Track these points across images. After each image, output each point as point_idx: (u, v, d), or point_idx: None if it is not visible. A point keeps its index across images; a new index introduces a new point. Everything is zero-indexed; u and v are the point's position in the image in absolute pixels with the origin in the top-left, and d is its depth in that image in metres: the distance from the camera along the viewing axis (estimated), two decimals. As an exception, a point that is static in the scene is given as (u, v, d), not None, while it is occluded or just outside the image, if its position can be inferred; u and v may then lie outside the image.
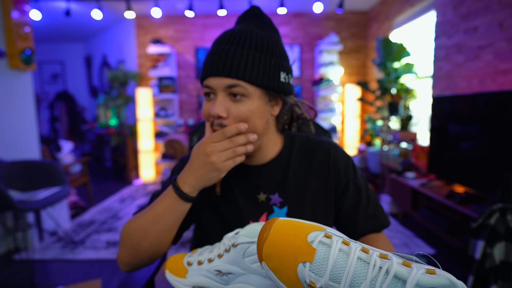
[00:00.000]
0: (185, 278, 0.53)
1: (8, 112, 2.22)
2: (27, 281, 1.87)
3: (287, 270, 0.37)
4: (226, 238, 0.52)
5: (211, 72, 0.58)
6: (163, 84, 4.47)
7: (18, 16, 2.20)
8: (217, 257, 0.52)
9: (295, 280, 0.36)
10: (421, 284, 0.31)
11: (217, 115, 0.58)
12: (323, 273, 0.35)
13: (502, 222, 1.31)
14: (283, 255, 0.37)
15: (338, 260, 0.35)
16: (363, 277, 0.33)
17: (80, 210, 3.12)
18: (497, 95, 1.85)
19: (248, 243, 0.48)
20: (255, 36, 0.60)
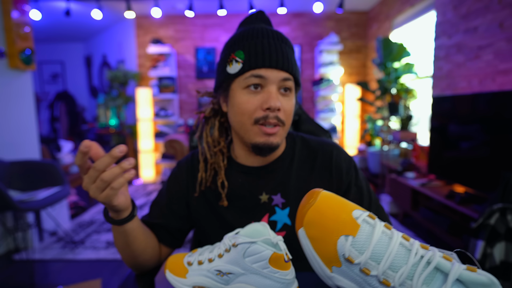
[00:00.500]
0: (185, 278, 0.53)
1: (8, 112, 2.22)
2: (27, 281, 1.87)
3: (327, 239, 0.37)
4: (227, 238, 0.52)
5: (270, 63, 0.58)
6: (163, 84, 4.47)
7: (18, 16, 2.20)
8: (217, 257, 0.51)
9: (333, 252, 0.37)
10: (462, 279, 0.32)
11: (278, 107, 0.58)
12: (364, 250, 0.35)
13: (502, 222, 1.31)
14: (326, 224, 0.37)
15: (380, 241, 0.36)
16: (403, 262, 0.34)
17: (80, 210, 3.12)
18: (497, 95, 1.85)
19: (248, 243, 0.48)
20: (286, 37, 0.63)
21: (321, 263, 0.38)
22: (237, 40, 0.61)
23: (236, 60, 0.59)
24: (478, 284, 0.31)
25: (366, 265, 0.35)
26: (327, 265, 0.38)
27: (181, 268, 0.55)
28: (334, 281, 0.38)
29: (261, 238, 0.48)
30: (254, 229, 0.50)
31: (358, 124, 4.53)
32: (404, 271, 0.33)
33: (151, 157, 4.52)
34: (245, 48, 0.59)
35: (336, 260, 0.37)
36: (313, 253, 0.38)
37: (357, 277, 0.36)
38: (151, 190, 3.99)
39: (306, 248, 0.39)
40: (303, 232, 0.38)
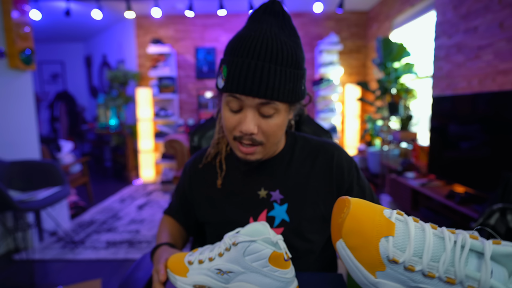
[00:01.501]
0: (186, 277, 0.53)
1: (8, 112, 2.22)
2: (27, 281, 1.87)
3: (369, 245, 0.36)
4: (227, 237, 0.52)
5: (243, 90, 0.55)
6: (163, 84, 4.47)
7: (18, 16, 2.20)
8: (217, 256, 0.52)
9: (376, 256, 0.36)
10: (495, 253, 0.33)
11: (250, 132, 0.58)
12: (405, 247, 0.35)
13: (502, 222, 1.31)
14: (365, 230, 0.37)
15: (416, 235, 0.36)
16: (442, 251, 0.35)
17: (80, 210, 3.12)
18: (497, 95, 1.85)
19: (248, 241, 0.48)
20: (286, 48, 0.57)
21: (364, 271, 0.37)
22: (228, 50, 0.59)
23: (222, 76, 0.59)
24: (505, 255, 0.33)
25: (410, 262, 0.35)
26: (371, 271, 0.37)
27: (182, 267, 0.56)
28: (379, 287, 0.37)
29: (261, 237, 0.48)
30: (254, 229, 0.50)
31: (358, 124, 4.53)
32: (445, 259, 0.34)
33: (151, 157, 4.52)
34: (228, 65, 0.57)
35: (380, 264, 0.36)
36: (355, 262, 0.37)
37: (402, 276, 0.36)
38: (151, 190, 3.99)
39: (347, 259, 0.38)
40: (342, 244, 0.37)
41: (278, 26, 0.59)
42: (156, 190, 4.01)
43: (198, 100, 4.74)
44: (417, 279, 0.35)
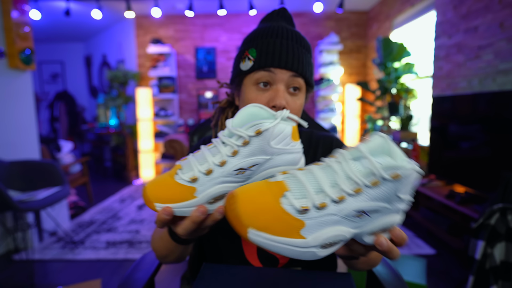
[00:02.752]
0: (195, 198, 0.43)
1: (7, 112, 2.22)
2: (27, 281, 1.87)
3: (276, 213, 0.35)
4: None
5: (279, 63, 0.60)
6: (163, 84, 4.47)
7: (18, 16, 2.20)
8: (231, 156, 0.44)
9: (288, 219, 0.35)
10: (371, 149, 0.37)
11: (283, 105, 0.60)
12: (304, 192, 0.36)
13: (503, 222, 1.31)
14: (263, 202, 0.36)
15: (306, 177, 0.37)
16: (333, 174, 0.37)
17: (80, 210, 3.12)
18: (497, 95, 1.85)
19: (273, 125, 0.44)
20: (303, 38, 0.65)
21: (292, 240, 0.35)
22: (253, 37, 0.64)
23: (248, 57, 0.62)
24: (377, 147, 0.37)
25: (318, 200, 0.36)
26: (297, 235, 0.35)
27: (181, 190, 0.44)
28: (312, 243, 0.36)
29: (282, 115, 0.45)
30: (251, 113, 0.46)
31: (358, 124, 4.53)
32: (340, 178, 0.36)
33: (151, 157, 4.52)
34: (258, 46, 0.62)
35: (297, 222, 0.35)
36: (277, 240, 0.35)
37: (323, 217, 0.35)
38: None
39: (269, 243, 0.35)
40: (253, 231, 0.35)
41: (291, 26, 0.68)
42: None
43: (198, 100, 4.74)
44: (333, 210, 0.35)
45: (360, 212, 0.36)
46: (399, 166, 0.35)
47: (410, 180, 0.36)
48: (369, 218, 0.37)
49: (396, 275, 0.74)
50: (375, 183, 0.35)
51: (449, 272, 1.90)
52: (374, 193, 0.36)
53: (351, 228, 0.38)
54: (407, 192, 0.37)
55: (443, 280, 1.81)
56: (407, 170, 0.35)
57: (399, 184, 0.35)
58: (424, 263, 1.51)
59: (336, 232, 0.36)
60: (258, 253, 0.66)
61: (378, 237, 0.38)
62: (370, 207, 0.36)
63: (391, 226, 0.39)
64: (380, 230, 0.38)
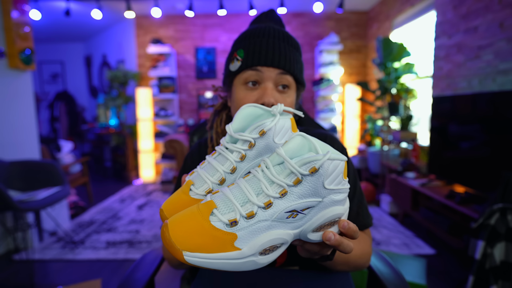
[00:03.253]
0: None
1: (8, 112, 2.22)
2: (27, 281, 1.87)
3: (207, 232, 0.35)
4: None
5: (265, 61, 0.61)
6: (163, 84, 4.47)
7: (18, 16, 2.20)
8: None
9: (221, 235, 0.35)
10: (287, 150, 0.38)
11: (271, 103, 0.60)
12: (231, 206, 0.37)
13: (503, 222, 1.31)
14: (193, 225, 0.36)
15: (232, 191, 0.38)
16: (258, 183, 0.37)
17: (80, 210, 3.12)
18: (497, 95, 1.85)
19: (275, 123, 0.42)
20: (291, 37, 0.66)
21: (230, 254, 0.35)
22: (241, 39, 0.66)
23: (237, 58, 0.63)
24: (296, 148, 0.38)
25: (245, 210, 0.36)
26: (232, 248, 0.35)
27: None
28: (248, 252, 0.36)
29: (278, 110, 0.45)
30: (247, 114, 0.46)
31: (358, 124, 4.53)
32: (265, 185, 0.37)
33: (151, 157, 4.52)
34: (245, 47, 0.63)
35: (229, 236, 0.35)
36: (214, 257, 0.35)
37: (253, 226, 0.36)
38: (151, 190, 3.99)
39: (208, 262, 0.35)
40: (188, 254, 0.34)
41: (280, 27, 0.69)
42: (156, 190, 4.01)
43: (198, 100, 4.74)
44: (263, 216, 0.36)
45: (291, 212, 0.37)
46: (313, 159, 0.36)
47: (330, 169, 0.36)
48: (305, 216, 0.38)
49: (397, 274, 0.74)
50: (297, 181, 0.36)
51: (449, 272, 1.90)
52: (300, 191, 0.36)
53: (290, 230, 0.38)
54: (333, 181, 0.37)
55: (443, 280, 1.81)
56: (321, 161, 0.35)
57: (320, 176, 0.36)
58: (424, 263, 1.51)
59: (272, 236, 0.36)
60: None
61: (325, 233, 0.38)
62: (300, 204, 0.36)
63: (336, 218, 0.39)
64: (326, 224, 0.39)
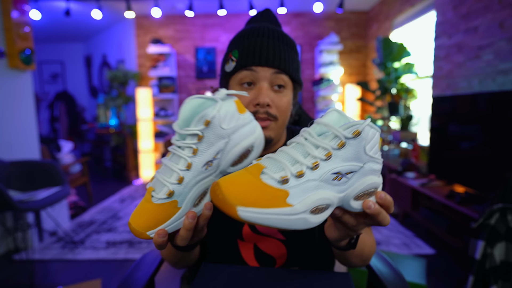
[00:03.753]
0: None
1: (7, 112, 2.22)
2: (27, 281, 1.87)
3: (259, 188, 0.37)
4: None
5: (260, 61, 0.61)
6: (163, 84, 4.47)
7: (18, 16, 2.20)
8: (193, 156, 0.43)
9: (272, 191, 0.37)
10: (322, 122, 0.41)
11: (266, 102, 0.60)
12: (280, 166, 0.39)
13: (503, 222, 1.31)
14: (245, 182, 0.37)
15: (279, 152, 0.41)
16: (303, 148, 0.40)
17: (80, 210, 3.12)
18: (497, 95, 1.85)
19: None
20: (286, 36, 0.66)
21: (279, 210, 0.36)
22: (236, 40, 0.65)
23: (232, 59, 0.63)
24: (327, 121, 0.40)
25: (295, 169, 0.38)
26: (283, 204, 0.36)
27: (164, 209, 0.42)
28: (301, 209, 0.37)
29: (220, 96, 0.45)
30: (193, 106, 0.45)
31: (358, 124, 4.53)
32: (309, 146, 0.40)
33: (151, 157, 4.52)
34: (240, 47, 0.63)
35: (281, 192, 0.37)
36: (268, 211, 0.36)
37: (305, 184, 0.38)
38: (151, 190, 3.99)
39: (261, 217, 0.35)
40: (243, 209, 0.35)
41: (276, 27, 0.68)
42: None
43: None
44: (311, 176, 0.38)
45: (337, 174, 0.39)
46: (356, 123, 0.39)
47: (369, 135, 0.39)
48: (348, 181, 0.40)
49: (397, 274, 0.74)
50: (341, 144, 0.39)
51: (449, 272, 1.90)
52: (344, 154, 0.39)
53: (335, 192, 0.40)
54: (372, 148, 0.40)
55: (443, 280, 1.81)
56: (364, 125, 0.39)
57: (362, 140, 0.39)
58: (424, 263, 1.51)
59: (321, 196, 0.38)
60: (255, 254, 0.66)
61: (365, 201, 0.41)
62: (344, 167, 0.39)
63: (373, 188, 0.42)
64: (364, 194, 0.41)
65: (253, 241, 0.66)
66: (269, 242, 0.66)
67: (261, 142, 0.50)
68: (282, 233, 0.66)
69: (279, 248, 0.66)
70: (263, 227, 0.66)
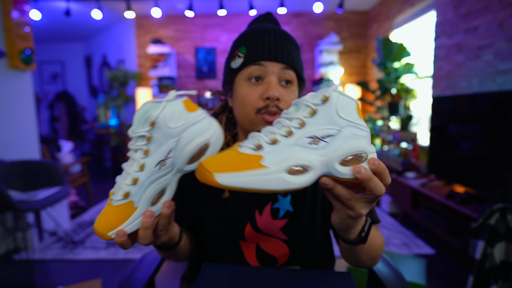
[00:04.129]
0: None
1: (8, 112, 2.22)
2: (27, 281, 1.87)
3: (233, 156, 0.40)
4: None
5: (269, 56, 0.61)
6: (163, 84, 4.47)
7: (18, 16, 2.20)
8: (145, 157, 0.44)
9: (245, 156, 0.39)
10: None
11: (276, 96, 0.60)
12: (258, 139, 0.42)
13: (502, 222, 1.31)
14: (221, 155, 0.41)
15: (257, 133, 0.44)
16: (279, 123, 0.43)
17: (80, 210, 3.12)
18: (497, 95, 1.85)
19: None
20: (291, 36, 0.67)
21: (254, 171, 0.38)
22: (241, 38, 0.66)
23: (238, 55, 0.63)
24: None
25: (270, 138, 0.41)
26: (259, 166, 0.38)
27: (122, 210, 0.44)
28: (275, 169, 0.38)
29: (168, 98, 0.46)
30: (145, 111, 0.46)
31: (358, 124, 4.53)
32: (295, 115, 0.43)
33: (151, 157, 4.52)
34: (247, 44, 0.63)
35: (255, 157, 0.39)
36: (242, 174, 0.37)
37: (277, 149, 0.40)
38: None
39: (235, 180, 0.37)
40: (219, 174, 0.37)
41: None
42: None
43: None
44: (286, 141, 0.40)
45: (312, 138, 0.40)
46: (323, 91, 0.41)
47: (339, 101, 0.41)
48: (327, 145, 0.41)
49: (397, 274, 0.74)
50: (312, 111, 0.41)
51: (449, 272, 1.90)
52: (317, 120, 0.41)
53: (315, 155, 0.40)
54: (347, 114, 0.41)
55: (442, 280, 1.81)
56: (329, 91, 0.41)
57: (331, 105, 0.41)
58: (423, 263, 1.51)
59: (296, 156, 0.39)
60: (257, 255, 0.66)
61: (355, 166, 0.40)
62: (319, 131, 0.41)
63: (362, 153, 0.41)
64: (353, 159, 0.41)
65: (255, 242, 0.66)
66: (271, 242, 0.66)
67: (218, 137, 0.50)
68: (285, 233, 0.65)
69: (281, 248, 0.66)
70: (264, 226, 0.66)
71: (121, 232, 0.43)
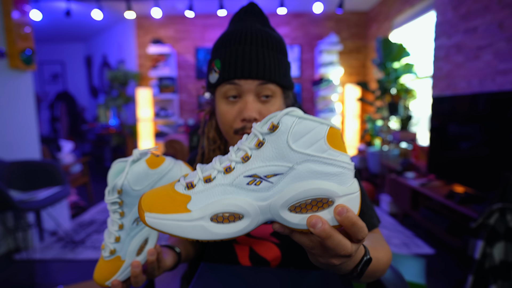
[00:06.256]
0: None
1: (8, 112, 2.23)
2: (28, 281, 1.87)
3: (166, 194, 0.36)
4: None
5: (242, 73, 0.56)
6: (163, 84, 4.47)
7: (19, 16, 2.20)
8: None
9: (177, 196, 0.35)
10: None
11: (252, 117, 0.57)
12: (195, 173, 0.37)
13: (502, 222, 1.31)
14: (158, 191, 0.37)
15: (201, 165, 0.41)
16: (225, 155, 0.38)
17: (80, 210, 3.13)
18: (497, 95, 1.85)
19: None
20: (272, 37, 0.60)
21: (176, 215, 0.34)
22: (218, 46, 0.61)
23: (214, 70, 0.59)
24: None
25: (204, 175, 0.35)
26: (183, 210, 0.34)
27: (113, 264, 0.52)
28: (197, 216, 0.34)
29: (131, 159, 0.49)
30: (115, 172, 0.52)
31: (358, 124, 4.53)
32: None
33: (151, 157, 4.52)
34: (221, 57, 0.58)
35: (183, 197, 0.35)
36: (165, 217, 0.34)
37: (209, 190, 0.35)
38: (151, 190, 3.99)
39: (159, 222, 0.34)
40: (148, 214, 0.34)
41: (260, 23, 0.62)
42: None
43: (198, 100, 4.74)
44: (222, 180, 0.34)
45: (252, 177, 0.33)
46: (272, 116, 0.33)
47: (294, 127, 0.32)
48: (272, 186, 0.33)
49: (397, 274, 0.74)
50: (257, 142, 0.33)
51: (449, 272, 1.90)
52: (262, 154, 0.33)
53: (253, 199, 0.33)
54: (307, 145, 0.32)
55: (442, 280, 1.82)
56: (279, 116, 0.32)
57: (282, 134, 0.32)
58: (423, 263, 1.51)
59: (226, 201, 0.33)
60: (250, 257, 0.66)
61: (310, 216, 0.31)
62: (262, 168, 0.32)
63: (324, 196, 0.32)
64: (308, 204, 0.32)
65: (248, 244, 0.66)
66: (263, 245, 0.65)
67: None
68: (276, 236, 0.65)
69: (273, 251, 0.65)
70: (255, 230, 0.65)
71: (116, 282, 0.51)
